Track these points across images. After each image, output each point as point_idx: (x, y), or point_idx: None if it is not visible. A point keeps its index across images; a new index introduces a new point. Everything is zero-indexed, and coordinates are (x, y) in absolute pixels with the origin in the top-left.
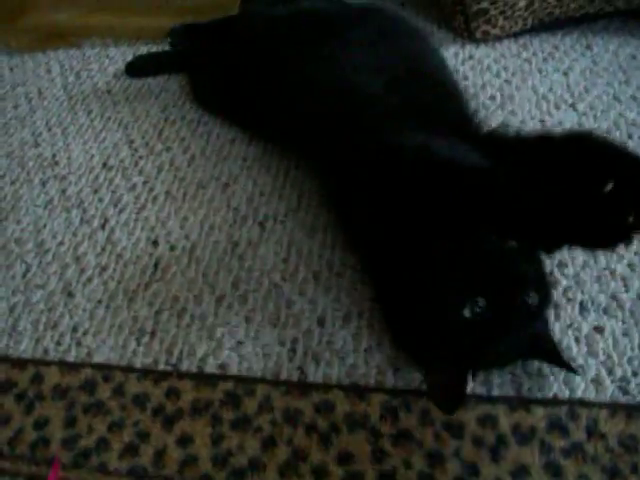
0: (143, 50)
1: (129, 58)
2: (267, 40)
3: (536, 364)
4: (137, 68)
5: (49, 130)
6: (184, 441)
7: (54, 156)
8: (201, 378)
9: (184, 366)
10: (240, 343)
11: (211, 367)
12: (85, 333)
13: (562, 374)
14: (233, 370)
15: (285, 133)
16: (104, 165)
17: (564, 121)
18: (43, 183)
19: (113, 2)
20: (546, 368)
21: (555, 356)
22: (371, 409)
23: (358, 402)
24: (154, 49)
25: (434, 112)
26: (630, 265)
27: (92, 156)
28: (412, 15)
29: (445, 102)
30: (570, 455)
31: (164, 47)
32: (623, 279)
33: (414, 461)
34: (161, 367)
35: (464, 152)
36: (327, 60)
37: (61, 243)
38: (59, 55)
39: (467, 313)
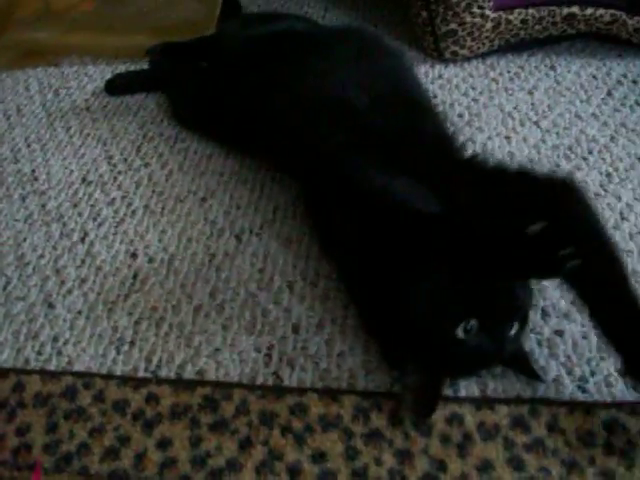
0: (121, 69)
1: (107, 76)
2: (248, 58)
3: (500, 366)
4: (116, 86)
5: (28, 146)
6: (164, 444)
7: (33, 172)
8: (180, 384)
9: (163, 373)
10: (217, 350)
11: (189, 373)
12: (65, 343)
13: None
14: (211, 376)
15: (266, 147)
16: (83, 180)
17: (528, 137)
18: (23, 198)
19: (91, 21)
20: (510, 370)
21: (526, 367)
22: (344, 410)
23: (331, 404)
24: (132, 67)
25: (415, 133)
26: None
27: (71, 171)
28: (384, 35)
29: (426, 123)
30: (532, 450)
31: (142, 66)
32: None
33: (385, 458)
34: (140, 374)
35: (419, 197)
36: (312, 76)
37: (41, 256)
38: (38, 73)
39: (460, 333)
